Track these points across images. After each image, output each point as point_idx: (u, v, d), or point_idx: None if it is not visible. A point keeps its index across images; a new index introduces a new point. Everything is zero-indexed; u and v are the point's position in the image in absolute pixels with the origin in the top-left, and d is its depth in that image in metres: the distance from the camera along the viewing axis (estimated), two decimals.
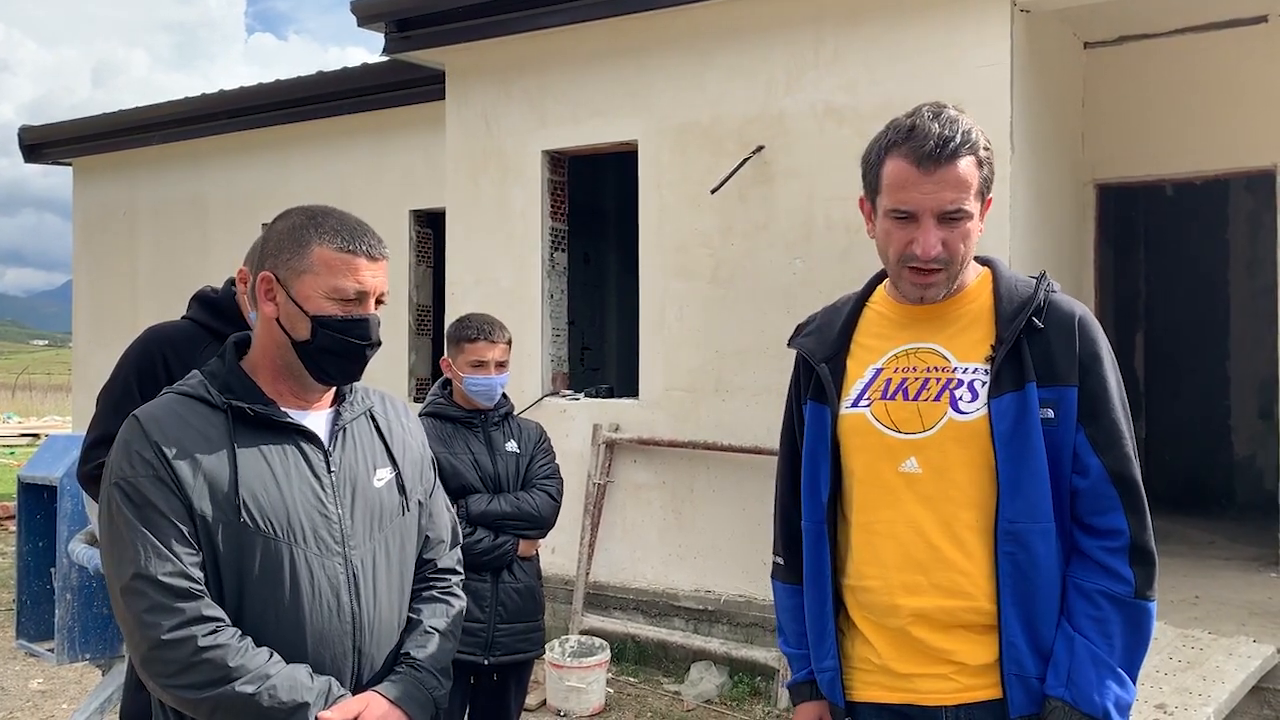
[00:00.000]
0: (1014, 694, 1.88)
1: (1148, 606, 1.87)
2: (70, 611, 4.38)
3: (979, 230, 1.95)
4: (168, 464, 1.80)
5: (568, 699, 5.36)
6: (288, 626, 1.85)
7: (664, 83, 6.35)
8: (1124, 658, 1.85)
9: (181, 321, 3.18)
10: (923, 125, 1.88)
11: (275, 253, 1.94)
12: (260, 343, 1.97)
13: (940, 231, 1.89)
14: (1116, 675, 1.84)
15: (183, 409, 1.88)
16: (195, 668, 1.75)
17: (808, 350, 2.10)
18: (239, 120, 9.28)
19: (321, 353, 1.92)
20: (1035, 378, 1.88)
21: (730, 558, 6.09)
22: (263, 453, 1.88)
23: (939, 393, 1.93)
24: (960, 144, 1.87)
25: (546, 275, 6.81)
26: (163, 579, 1.75)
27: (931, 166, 1.86)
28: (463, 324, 3.63)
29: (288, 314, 1.92)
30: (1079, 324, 1.92)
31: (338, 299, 1.91)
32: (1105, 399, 1.90)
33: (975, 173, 1.90)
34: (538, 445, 3.75)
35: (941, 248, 1.89)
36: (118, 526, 1.79)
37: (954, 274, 1.95)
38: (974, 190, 1.90)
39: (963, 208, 1.89)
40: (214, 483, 1.82)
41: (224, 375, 1.94)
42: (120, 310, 10.35)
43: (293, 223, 1.95)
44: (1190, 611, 5.49)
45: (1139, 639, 1.87)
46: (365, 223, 1.98)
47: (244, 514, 1.82)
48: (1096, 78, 6.87)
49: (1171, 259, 9.86)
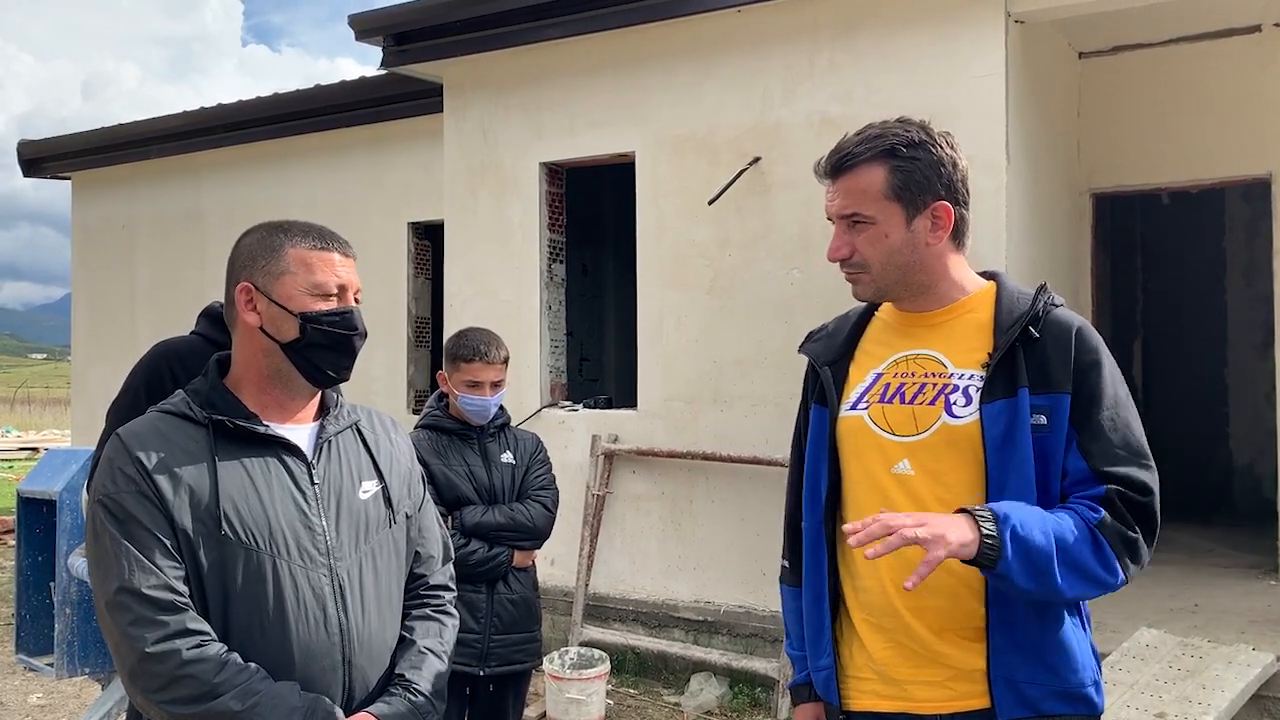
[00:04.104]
0: (1001, 698, 1.89)
1: (1106, 547, 1.81)
2: (70, 626, 4.37)
3: (907, 237, 1.97)
4: (149, 478, 1.80)
5: (568, 711, 5.35)
6: (273, 639, 1.84)
7: (660, 95, 6.37)
8: (1060, 543, 1.79)
9: (190, 336, 3.20)
10: (841, 142, 2.01)
11: (249, 263, 1.96)
12: (243, 355, 1.97)
13: (848, 236, 2.00)
14: (1045, 534, 1.78)
15: (165, 425, 1.89)
16: (180, 681, 1.74)
17: (814, 354, 2.17)
18: (237, 134, 9.29)
19: (312, 349, 1.93)
20: (1029, 384, 1.89)
21: (730, 568, 6.09)
22: (244, 465, 1.88)
23: (934, 397, 1.96)
24: (860, 154, 1.96)
25: (544, 286, 6.82)
26: (147, 592, 1.75)
27: (831, 177, 2.01)
28: (460, 342, 3.63)
29: (271, 318, 1.93)
30: (1076, 334, 1.93)
31: (320, 294, 1.93)
32: (1098, 403, 1.90)
33: (881, 179, 1.96)
34: (534, 456, 3.76)
35: (849, 251, 2.00)
36: (103, 542, 1.80)
37: (881, 277, 2.00)
38: (876, 195, 1.96)
39: (860, 213, 1.97)
40: (195, 496, 1.82)
41: (206, 391, 1.95)
42: (119, 324, 10.36)
43: (259, 235, 1.98)
44: (1190, 620, 5.49)
45: (1083, 555, 1.80)
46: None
47: (225, 526, 1.82)
48: (1092, 87, 6.90)
49: (1168, 267, 9.88)
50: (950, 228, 1.99)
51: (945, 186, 1.98)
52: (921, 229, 1.97)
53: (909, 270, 1.99)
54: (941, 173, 1.97)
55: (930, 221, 1.98)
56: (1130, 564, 1.84)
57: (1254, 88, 6.44)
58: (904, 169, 1.96)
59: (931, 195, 1.97)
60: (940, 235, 1.99)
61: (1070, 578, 1.80)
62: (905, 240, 1.97)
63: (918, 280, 2.01)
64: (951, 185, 1.99)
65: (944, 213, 1.98)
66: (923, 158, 1.96)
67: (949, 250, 2.01)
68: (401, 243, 8.54)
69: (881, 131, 1.98)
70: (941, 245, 2.00)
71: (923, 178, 1.96)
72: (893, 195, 1.96)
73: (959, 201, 2.00)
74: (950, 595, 1.91)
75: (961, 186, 2.01)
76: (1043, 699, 1.89)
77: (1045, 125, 6.17)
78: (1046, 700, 1.89)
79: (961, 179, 2.01)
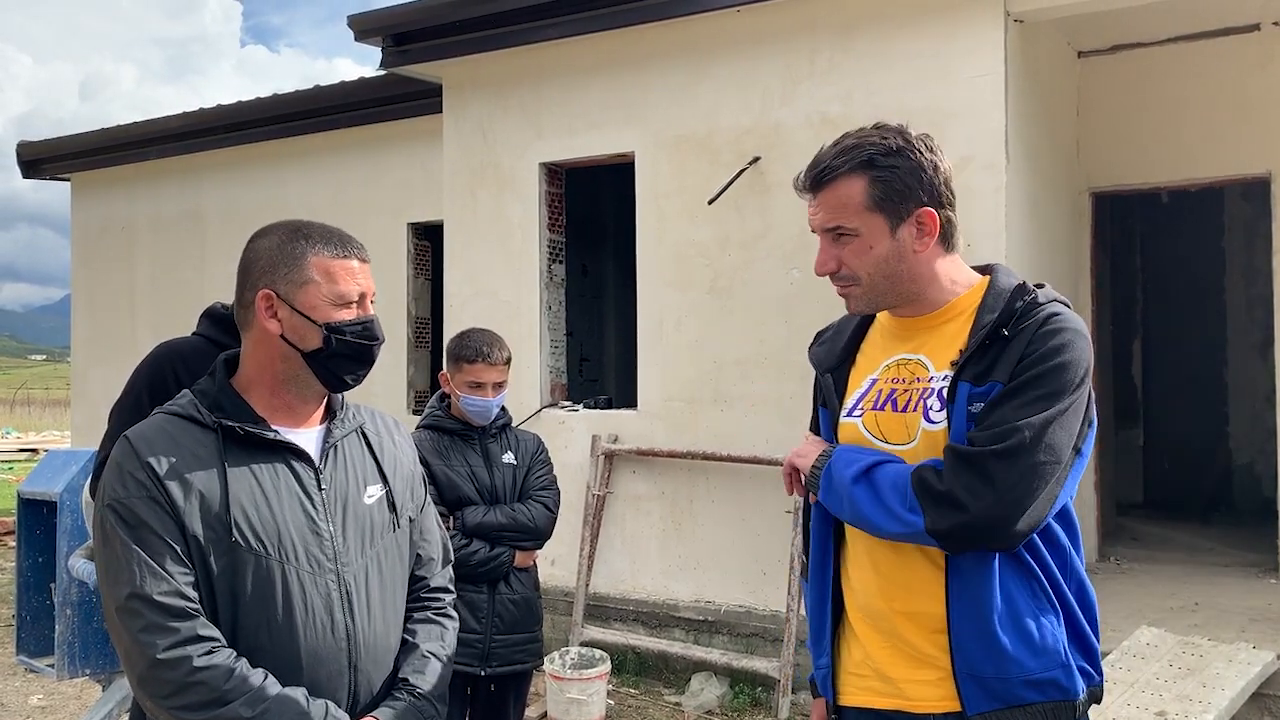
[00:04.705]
0: (969, 693, 1.88)
1: (910, 491, 1.85)
2: (70, 627, 4.37)
3: (893, 246, 1.95)
4: (160, 484, 1.80)
5: (568, 711, 5.35)
6: (282, 645, 1.85)
7: (660, 95, 6.37)
8: (875, 482, 1.89)
9: (193, 337, 3.20)
10: (818, 155, 2.00)
11: (269, 269, 1.94)
12: (256, 359, 1.96)
13: (834, 249, 1.99)
14: (857, 470, 1.91)
15: (173, 428, 1.89)
16: (191, 688, 1.74)
17: (816, 360, 2.18)
18: (237, 135, 9.30)
19: (335, 358, 1.94)
20: (973, 378, 1.88)
21: (730, 568, 6.09)
22: (253, 471, 1.88)
23: (917, 403, 1.96)
24: (837, 167, 1.95)
25: (544, 287, 6.83)
26: (158, 598, 1.75)
27: (811, 191, 2.00)
28: (463, 342, 3.63)
29: (294, 327, 1.93)
30: (1040, 328, 1.87)
31: (343, 304, 1.94)
32: (1013, 393, 1.83)
33: (861, 190, 1.94)
34: (535, 457, 3.76)
35: (835, 264, 1.99)
36: (113, 547, 1.79)
37: (871, 288, 1.99)
38: (857, 207, 1.94)
39: (842, 225, 1.96)
40: (205, 502, 1.82)
41: (214, 394, 1.94)
42: (119, 325, 10.36)
43: (279, 238, 1.96)
44: (1190, 618, 5.49)
45: (888, 497, 1.86)
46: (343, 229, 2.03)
47: (235, 533, 1.82)
48: (1091, 86, 6.90)
49: (1168, 267, 9.89)
50: (936, 232, 1.96)
51: (927, 192, 1.95)
52: (907, 237, 1.95)
53: (899, 280, 1.98)
54: (923, 178, 1.95)
55: (915, 229, 1.95)
56: (940, 511, 1.80)
57: (1253, 87, 6.44)
58: (883, 179, 1.93)
59: (914, 203, 1.94)
60: (927, 241, 1.96)
61: (879, 513, 1.87)
62: (891, 250, 1.95)
63: (908, 289, 1.99)
64: (934, 190, 1.96)
65: (928, 219, 1.95)
66: (902, 165, 1.94)
67: (938, 254, 1.99)
68: (401, 243, 8.54)
69: (858, 142, 1.96)
70: (929, 251, 1.97)
71: (903, 186, 1.94)
72: (874, 206, 1.94)
73: (943, 204, 1.97)
74: (931, 599, 1.91)
75: (945, 189, 1.98)
76: (1009, 689, 1.87)
77: (1044, 124, 6.17)
78: (1014, 689, 1.87)
79: (944, 181, 1.97)
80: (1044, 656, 1.89)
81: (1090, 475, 6.90)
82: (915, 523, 1.82)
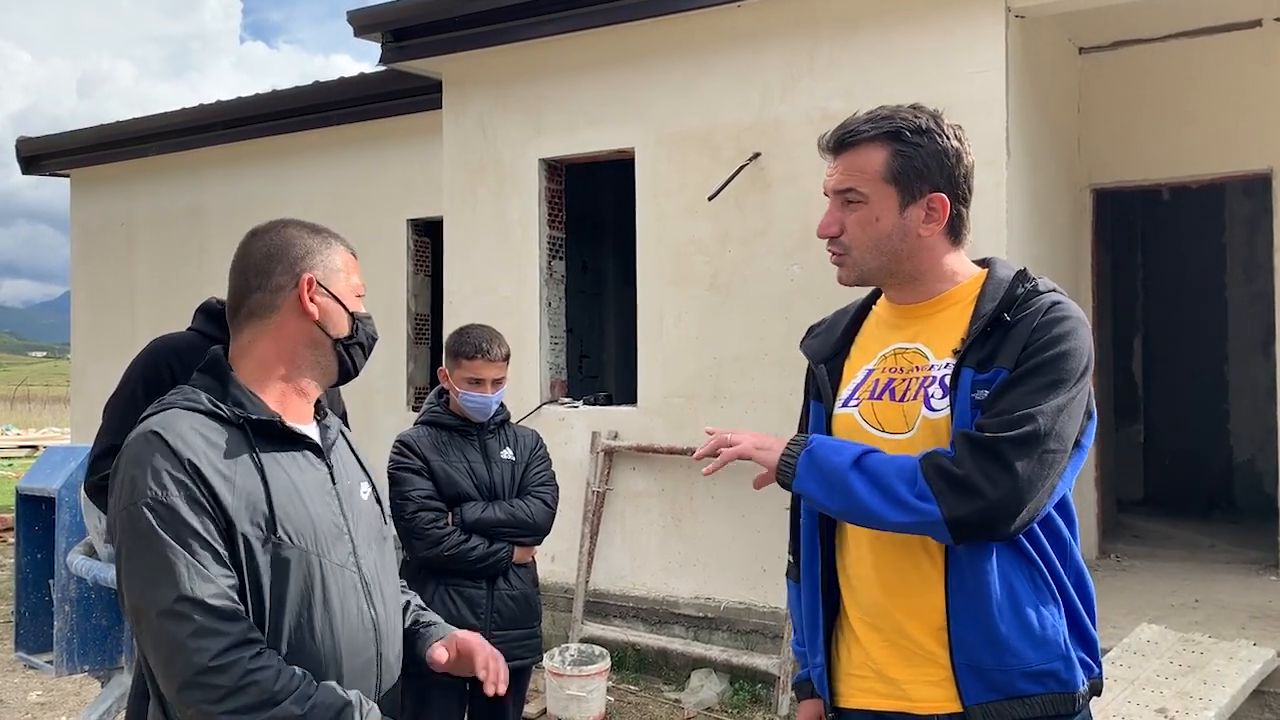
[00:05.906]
0: (967, 684, 1.87)
1: (921, 477, 1.80)
2: (69, 623, 4.37)
3: (898, 223, 1.94)
4: (204, 484, 1.76)
5: (568, 707, 5.35)
6: (324, 639, 1.84)
7: (660, 91, 6.36)
8: (869, 467, 1.84)
9: (188, 333, 3.19)
10: (848, 119, 2.01)
11: (306, 255, 1.96)
12: (273, 349, 1.93)
13: (840, 214, 1.99)
14: (847, 456, 1.87)
15: (200, 425, 1.83)
16: (244, 690, 1.71)
17: (811, 351, 2.16)
18: (236, 130, 9.28)
19: (355, 346, 1.99)
20: (976, 365, 1.86)
21: (730, 564, 6.09)
22: (283, 467, 1.87)
23: (917, 391, 1.94)
24: (864, 132, 1.95)
25: (544, 283, 6.82)
26: (210, 601, 1.71)
27: (832, 151, 2.01)
28: (462, 338, 3.62)
29: (328, 312, 1.95)
30: (1044, 315, 1.87)
31: (359, 296, 2.02)
32: (1020, 379, 1.82)
33: (881, 160, 1.94)
34: (533, 453, 3.76)
35: (838, 228, 1.99)
36: (154, 548, 1.72)
37: (862, 261, 1.98)
38: (874, 175, 1.94)
39: (855, 189, 1.96)
40: (251, 500, 1.79)
41: (228, 390, 1.89)
42: (119, 321, 10.35)
43: (306, 227, 2.01)
44: (1190, 615, 5.49)
45: (891, 481, 1.82)
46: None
47: (281, 530, 1.81)
48: (1092, 82, 6.89)
49: (1169, 263, 9.88)
50: (945, 221, 1.96)
51: (946, 179, 1.95)
52: (914, 218, 1.95)
53: (896, 258, 1.97)
54: (944, 164, 1.94)
55: (924, 212, 1.95)
56: (959, 497, 1.77)
57: (1255, 83, 6.43)
58: (905, 153, 1.93)
59: (929, 185, 1.94)
60: (933, 228, 1.95)
61: (876, 498, 1.82)
62: (895, 226, 1.95)
63: (904, 269, 1.98)
64: (952, 178, 1.95)
65: (940, 205, 1.95)
66: (927, 145, 1.93)
67: (942, 244, 1.98)
68: (401, 240, 8.53)
69: (891, 114, 1.96)
70: (934, 238, 1.96)
71: (923, 165, 1.93)
72: (890, 178, 1.94)
73: (959, 197, 1.97)
74: (932, 592, 1.90)
75: (963, 182, 1.97)
76: (1008, 680, 1.86)
77: (1045, 121, 6.16)
78: (1013, 681, 1.86)
79: (964, 174, 1.97)
80: (1044, 648, 1.87)
81: (1091, 471, 6.89)
82: (929, 511, 1.78)
